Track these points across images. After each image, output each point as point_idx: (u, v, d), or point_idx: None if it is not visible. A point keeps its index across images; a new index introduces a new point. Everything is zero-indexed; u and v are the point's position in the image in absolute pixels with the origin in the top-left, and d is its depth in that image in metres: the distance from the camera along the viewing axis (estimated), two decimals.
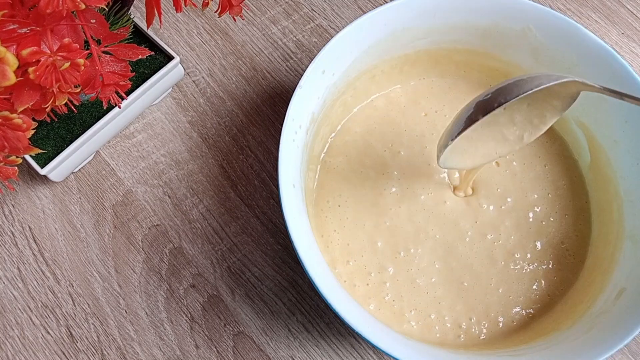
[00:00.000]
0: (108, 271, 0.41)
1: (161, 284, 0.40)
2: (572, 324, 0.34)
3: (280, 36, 0.49)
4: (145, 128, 0.45)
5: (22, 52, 0.23)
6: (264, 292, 0.40)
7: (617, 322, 0.32)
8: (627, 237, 0.37)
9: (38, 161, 0.39)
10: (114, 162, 0.44)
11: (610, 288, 0.35)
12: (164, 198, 0.43)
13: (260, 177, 0.44)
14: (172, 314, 0.40)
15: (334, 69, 0.38)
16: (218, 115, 0.46)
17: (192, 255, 0.41)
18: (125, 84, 0.29)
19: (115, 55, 0.29)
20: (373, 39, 0.39)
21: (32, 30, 0.23)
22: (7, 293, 0.40)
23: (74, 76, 0.25)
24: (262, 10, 0.50)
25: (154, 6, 0.28)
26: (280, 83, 0.47)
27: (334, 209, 0.39)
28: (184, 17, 0.49)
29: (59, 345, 0.39)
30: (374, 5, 0.51)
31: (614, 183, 0.39)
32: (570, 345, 0.32)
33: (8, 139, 0.25)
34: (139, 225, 0.42)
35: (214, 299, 0.40)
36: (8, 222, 0.42)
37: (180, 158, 0.44)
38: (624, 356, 0.39)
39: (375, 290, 0.37)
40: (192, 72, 0.47)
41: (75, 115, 0.41)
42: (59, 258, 0.41)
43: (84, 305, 0.40)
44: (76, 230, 0.42)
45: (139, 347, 0.39)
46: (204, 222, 0.42)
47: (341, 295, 0.32)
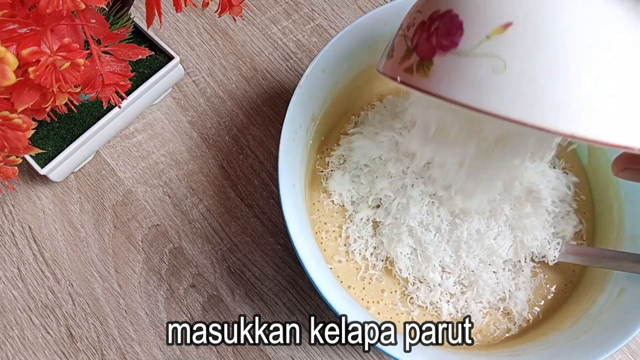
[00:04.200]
0: (108, 271, 0.41)
1: (161, 284, 0.40)
2: (572, 324, 0.34)
3: (280, 36, 0.49)
4: (145, 128, 0.45)
5: (22, 52, 0.23)
6: (264, 292, 0.40)
7: (617, 322, 0.32)
8: (627, 238, 0.37)
9: (38, 161, 0.39)
10: (114, 162, 0.44)
11: (610, 288, 0.35)
12: (164, 198, 0.43)
13: (260, 177, 0.44)
14: (172, 314, 0.39)
15: (334, 69, 0.38)
16: (218, 115, 0.46)
17: (192, 255, 0.41)
18: (125, 84, 0.29)
19: (115, 55, 0.29)
20: (373, 39, 0.39)
21: (32, 30, 0.23)
22: (7, 293, 0.40)
23: (74, 76, 0.25)
24: (262, 10, 0.50)
25: (154, 6, 0.28)
26: (280, 83, 0.47)
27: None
28: (184, 17, 0.49)
29: (59, 345, 0.39)
30: (374, 5, 0.51)
31: (614, 184, 0.39)
32: (570, 345, 0.32)
33: (8, 139, 0.25)
34: (139, 225, 0.42)
35: (214, 299, 0.40)
36: (8, 222, 0.42)
37: (180, 158, 0.44)
38: (624, 356, 0.39)
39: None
40: (192, 72, 0.47)
41: (75, 115, 0.41)
42: (59, 258, 0.41)
43: (84, 305, 0.40)
44: (76, 230, 0.42)
45: (139, 347, 0.39)
46: (204, 222, 0.42)
47: (341, 295, 0.32)
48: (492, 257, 0.36)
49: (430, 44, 0.23)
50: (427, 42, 0.24)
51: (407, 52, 0.25)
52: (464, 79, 0.22)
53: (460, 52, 0.22)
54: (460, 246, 0.36)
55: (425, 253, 0.36)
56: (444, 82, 0.23)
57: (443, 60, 0.23)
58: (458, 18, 0.23)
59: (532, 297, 0.38)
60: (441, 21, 0.23)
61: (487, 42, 0.21)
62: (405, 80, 0.25)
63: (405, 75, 0.25)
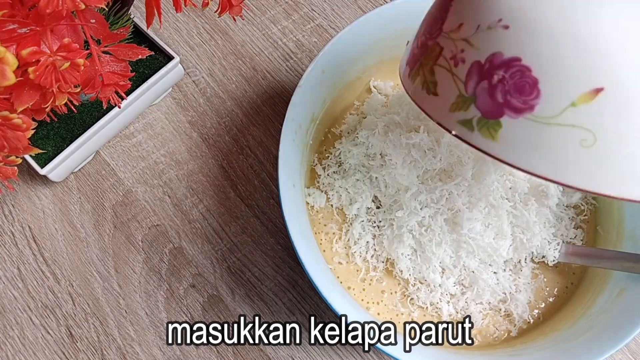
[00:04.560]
0: (108, 271, 0.41)
1: (161, 284, 0.40)
2: (572, 324, 0.34)
3: (280, 36, 0.49)
4: (145, 128, 0.45)
5: (22, 52, 0.23)
6: (264, 292, 0.40)
7: (617, 322, 0.32)
8: (627, 238, 0.37)
9: (38, 161, 0.39)
10: (114, 162, 0.44)
11: (610, 288, 0.35)
12: (164, 198, 0.43)
13: (260, 177, 0.44)
14: (172, 314, 0.39)
15: (334, 69, 0.38)
16: (218, 115, 0.46)
17: (192, 255, 0.41)
18: (125, 84, 0.29)
19: (115, 55, 0.29)
20: (373, 39, 0.39)
21: (32, 30, 0.23)
22: (7, 293, 0.40)
23: (74, 76, 0.25)
24: (262, 10, 0.50)
25: (154, 6, 0.28)
26: (280, 83, 0.47)
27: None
28: (184, 17, 0.49)
29: (59, 345, 0.39)
30: (374, 5, 0.51)
31: None
32: (570, 345, 0.32)
33: (8, 139, 0.25)
34: (139, 225, 0.42)
35: (214, 299, 0.40)
36: (8, 222, 0.42)
37: (180, 158, 0.44)
38: (624, 356, 0.39)
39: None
40: (192, 72, 0.47)
41: (75, 115, 0.41)
42: (59, 258, 0.41)
43: (84, 305, 0.40)
44: (76, 230, 0.42)
45: (139, 347, 0.39)
46: (204, 222, 0.42)
47: (341, 295, 0.32)
48: (493, 257, 0.36)
49: (495, 101, 0.20)
50: (492, 98, 0.20)
51: (462, 101, 0.21)
52: (543, 150, 0.19)
53: (538, 118, 0.19)
54: (460, 246, 0.36)
55: (425, 254, 0.36)
56: (517, 150, 0.19)
57: (515, 124, 0.19)
58: (531, 74, 0.19)
59: (532, 299, 0.37)
60: (507, 72, 0.19)
61: (572, 110, 0.18)
62: (466, 139, 0.21)
63: (462, 130, 0.21)
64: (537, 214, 0.37)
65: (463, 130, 0.21)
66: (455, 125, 0.21)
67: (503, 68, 0.19)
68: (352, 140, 0.40)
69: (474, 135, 0.20)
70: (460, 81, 0.21)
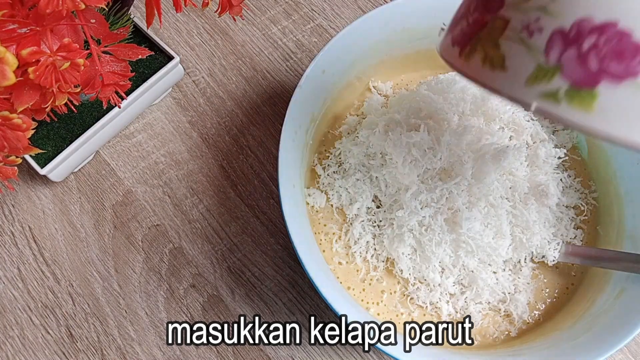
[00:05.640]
0: (108, 271, 0.41)
1: (161, 284, 0.40)
2: (572, 324, 0.34)
3: (280, 36, 0.49)
4: (145, 128, 0.45)
5: (22, 52, 0.23)
6: (264, 292, 0.40)
7: (617, 322, 0.32)
8: (627, 237, 0.37)
9: (38, 161, 0.39)
10: (114, 162, 0.44)
11: (610, 288, 0.35)
12: (164, 198, 0.43)
13: (260, 177, 0.44)
14: (172, 314, 0.39)
15: (334, 69, 0.38)
16: (218, 115, 0.46)
17: (192, 255, 0.41)
18: (125, 84, 0.29)
19: (115, 55, 0.29)
20: (373, 39, 0.39)
21: (32, 30, 0.23)
22: (7, 293, 0.40)
23: (74, 76, 0.25)
24: (262, 10, 0.50)
25: (154, 6, 0.28)
26: (280, 83, 0.47)
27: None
28: (184, 17, 0.49)
29: (59, 345, 0.39)
30: (374, 5, 0.51)
31: (613, 183, 0.39)
32: (570, 345, 0.32)
33: (8, 139, 0.25)
34: (139, 225, 0.42)
35: (214, 299, 0.40)
36: (8, 222, 0.42)
37: (180, 158, 0.44)
38: (624, 356, 0.39)
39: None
40: (192, 72, 0.47)
41: (75, 115, 0.41)
42: (59, 258, 0.41)
43: (84, 305, 0.40)
44: (76, 230, 0.42)
45: (139, 347, 0.39)
46: (204, 222, 0.42)
47: (341, 295, 0.32)
48: (492, 257, 0.36)
49: (587, 68, 0.18)
50: (582, 65, 0.18)
51: (542, 72, 0.19)
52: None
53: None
54: (460, 246, 0.36)
55: (425, 253, 0.36)
56: (618, 120, 0.17)
57: (614, 92, 0.17)
58: (631, 38, 0.17)
59: (532, 300, 0.37)
60: (601, 37, 0.17)
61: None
62: (552, 112, 0.19)
63: (546, 103, 0.19)
64: (537, 214, 0.37)
65: (546, 104, 0.19)
66: (535, 98, 0.19)
67: (595, 34, 0.17)
68: (352, 139, 0.40)
69: (561, 107, 0.18)
70: (539, 51, 0.19)
